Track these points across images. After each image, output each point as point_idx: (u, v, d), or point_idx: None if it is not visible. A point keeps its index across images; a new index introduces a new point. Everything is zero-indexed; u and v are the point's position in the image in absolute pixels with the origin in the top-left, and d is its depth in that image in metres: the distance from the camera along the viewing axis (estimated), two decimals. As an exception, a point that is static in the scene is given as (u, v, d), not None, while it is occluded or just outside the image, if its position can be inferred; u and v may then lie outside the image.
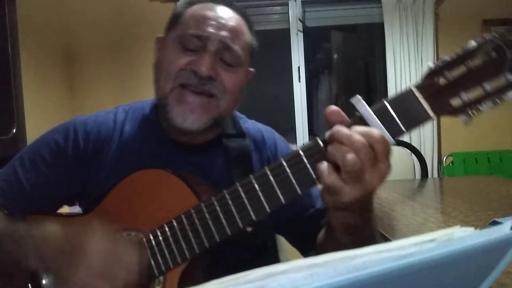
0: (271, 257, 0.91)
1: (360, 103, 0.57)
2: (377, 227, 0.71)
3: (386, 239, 1.04)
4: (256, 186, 0.60)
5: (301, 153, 0.58)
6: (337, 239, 0.66)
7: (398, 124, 0.56)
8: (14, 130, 1.69)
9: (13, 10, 1.69)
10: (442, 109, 0.55)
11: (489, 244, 0.26)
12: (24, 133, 1.74)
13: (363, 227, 0.63)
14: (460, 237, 0.25)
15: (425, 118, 0.56)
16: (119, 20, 3.04)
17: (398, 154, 2.69)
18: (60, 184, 0.81)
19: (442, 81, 0.55)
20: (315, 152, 0.57)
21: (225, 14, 0.79)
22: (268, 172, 0.59)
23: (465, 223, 1.11)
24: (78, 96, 3.04)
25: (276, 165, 0.59)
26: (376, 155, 0.53)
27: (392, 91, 3.04)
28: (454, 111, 0.56)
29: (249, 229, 0.67)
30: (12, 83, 1.68)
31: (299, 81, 3.12)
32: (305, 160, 0.57)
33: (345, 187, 0.54)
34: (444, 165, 3.06)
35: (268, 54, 3.47)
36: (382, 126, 0.55)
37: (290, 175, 0.58)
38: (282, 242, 1.12)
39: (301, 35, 3.14)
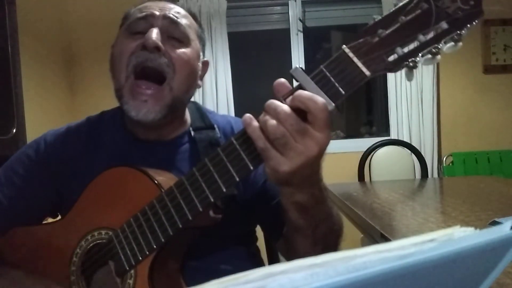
0: (249, 248, 0.91)
1: (297, 71, 0.57)
2: (334, 209, 0.73)
3: (386, 239, 1.04)
4: (211, 167, 0.60)
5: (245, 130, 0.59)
6: (292, 222, 0.68)
7: (336, 86, 0.56)
8: (14, 130, 1.69)
9: (13, 10, 1.68)
10: (377, 66, 0.55)
11: (489, 244, 0.26)
12: (24, 133, 1.74)
13: (314, 207, 0.65)
14: (460, 237, 0.25)
15: (362, 77, 0.55)
16: (119, 20, 3.03)
17: (398, 154, 2.69)
18: (36, 196, 0.82)
19: (375, 39, 0.55)
20: None
21: (169, 4, 0.83)
22: (221, 152, 0.60)
23: (465, 223, 1.11)
24: (78, 96, 3.04)
25: (228, 144, 0.60)
26: (310, 123, 0.54)
27: (392, 90, 3.04)
28: (391, 66, 0.55)
29: (217, 216, 0.69)
30: (12, 83, 1.68)
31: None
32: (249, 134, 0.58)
33: (276, 154, 0.55)
34: (444, 165, 3.06)
35: (268, 54, 3.48)
36: (321, 91, 0.56)
37: (241, 152, 0.59)
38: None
39: (301, 35, 3.14)
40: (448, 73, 3.09)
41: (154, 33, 0.74)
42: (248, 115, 0.59)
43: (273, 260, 1.23)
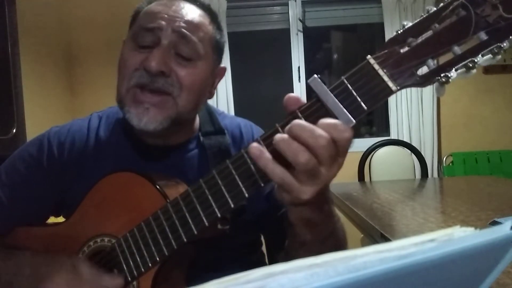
0: (255, 254, 0.90)
1: (316, 82, 0.51)
2: (339, 222, 0.69)
3: (386, 239, 1.04)
4: (219, 180, 0.56)
5: (261, 141, 0.53)
6: (298, 236, 0.63)
7: (358, 101, 0.50)
8: (14, 130, 1.69)
9: (13, 10, 1.69)
10: (405, 80, 0.49)
11: (489, 244, 0.26)
12: (24, 133, 1.74)
13: (323, 222, 0.60)
14: (460, 237, 0.25)
15: (387, 92, 0.50)
16: (119, 20, 3.03)
17: (398, 154, 2.69)
18: (38, 195, 0.81)
19: (404, 49, 0.49)
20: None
21: (181, 7, 0.75)
22: (230, 166, 0.56)
23: (465, 223, 1.11)
24: (78, 96, 3.04)
25: (238, 157, 0.55)
26: (338, 150, 0.50)
27: (392, 91, 3.04)
28: (421, 81, 0.50)
29: (224, 227, 0.65)
30: (12, 83, 1.68)
31: (299, 81, 3.12)
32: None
33: (297, 185, 0.50)
34: (444, 165, 3.06)
35: (268, 54, 3.47)
36: (341, 105, 0.50)
37: (251, 166, 0.54)
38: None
39: (301, 35, 3.14)
40: (448, 73, 3.09)
41: (157, 57, 0.70)
42: (255, 145, 0.51)
43: (273, 261, 1.23)
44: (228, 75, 3.02)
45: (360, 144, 2.97)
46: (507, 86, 3.11)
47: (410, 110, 3.02)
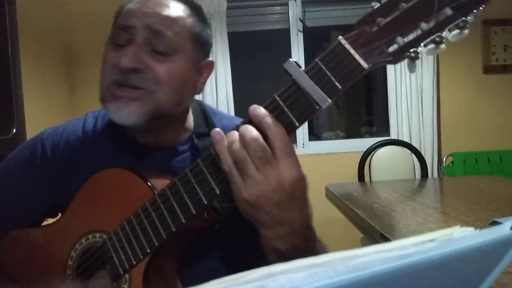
0: (248, 253, 0.90)
1: (291, 65, 0.54)
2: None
3: (386, 239, 1.04)
4: (204, 168, 0.59)
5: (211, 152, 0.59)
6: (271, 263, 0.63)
7: (332, 81, 0.52)
8: (14, 130, 1.69)
9: (13, 10, 1.68)
10: (376, 58, 0.52)
11: (489, 244, 0.26)
12: (24, 133, 1.74)
13: (294, 257, 0.60)
14: (460, 237, 0.25)
15: (359, 70, 0.52)
16: (119, 20, 3.04)
17: (398, 154, 2.69)
18: (32, 198, 0.81)
19: (374, 28, 0.51)
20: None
21: (157, 3, 0.74)
22: (213, 152, 0.58)
23: (465, 223, 1.11)
24: (78, 96, 3.04)
25: (208, 154, 0.59)
26: (273, 151, 0.53)
27: (392, 90, 3.04)
28: (391, 58, 0.52)
29: (212, 217, 0.67)
30: (12, 83, 1.68)
31: (299, 81, 3.12)
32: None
33: (239, 179, 0.55)
34: (444, 165, 3.06)
35: (268, 54, 3.48)
36: (316, 86, 0.53)
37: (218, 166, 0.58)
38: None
39: (301, 35, 3.14)
40: (448, 73, 3.09)
41: (128, 54, 0.70)
42: (217, 130, 0.57)
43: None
44: (228, 75, 3.02)
45: (360, 144, 2.97)
46: (507, 86, 3.11)
47: (410, 110, 3.02)
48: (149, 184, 0.67)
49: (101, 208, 0.72)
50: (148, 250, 0.64)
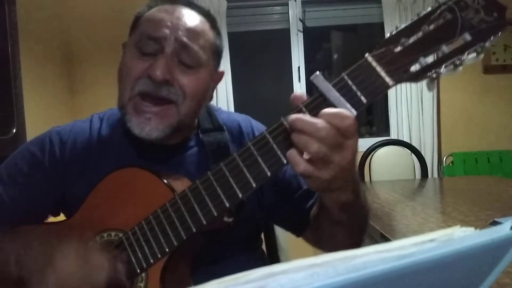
0: (257, 251, 0.91)
1: (318, 78, 0.56)
2: (365, 197, 0.74)
3: (386, 239, 1.04)
4: (227, 172, 0.60)
5: (267, 134, 0.57)
6: (333, 216, 0.68)
7: (358, 95, 0.55)
8: (14, 130, 1.69)
9: (13, 10, 1.69)
10: (400, 75, 0.55)
11: (489, 244, 0.26)
12: (24, 133, 1.74)
13: (355, 201, 0.65)
14: (460, 237, 0.25)
15: (384, 86, 0.55)
16: (119, 20, 3.03)
17: (398, 154, 2.69)
18: (39, 195, 0.81)
19: (398, 48, 0.55)
20: (280, 132, 0.57)
21: (183, 14, 0.76)
22: (237, 158, 0.59)
23: (465, 223, 1.11)
24: (78, 96, 3.04)
25: (244, 149, 0.59)
26: (343, 135, 0.54)
27: (392, 91, 3.04)
28: (414, 77, 0.55)
29: (229, 220, 0.68)
30: (12, 83, 1.68)
31: (299, 81, 3.12)
32: (271, 141, 0.57)
33: (317, 172, 0.55)
34: (444, 165, 3.06)
35: (268, 54, 3.47)
36: (343, 100, 0.55)
37: (258, 157, 0.58)
38: (282, 242, 1.12)
39: (301, 35, 3.14)
40: (448, 73, 3.09)
41: (162, 66, 0.71)
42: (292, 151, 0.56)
43: (273, 260, 1.23)
44: (228, 75, 3.02)
45: (360, 144, 2.94)
46: (507, 86, 3.11)
47: (410, 110, 3.02)
48: (168, 185, 0.68)
49: (117, 207, 0.72)
50: (167, 250, 0.65)
